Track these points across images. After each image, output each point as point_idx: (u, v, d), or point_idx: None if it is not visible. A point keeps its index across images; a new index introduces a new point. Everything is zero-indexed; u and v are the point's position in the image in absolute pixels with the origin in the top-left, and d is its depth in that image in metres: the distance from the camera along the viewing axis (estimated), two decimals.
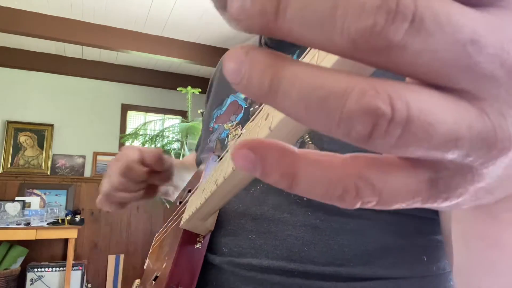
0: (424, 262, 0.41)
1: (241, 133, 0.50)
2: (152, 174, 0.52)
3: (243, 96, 0.57)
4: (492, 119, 0.11)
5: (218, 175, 0.29)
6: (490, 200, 0.15)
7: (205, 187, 0.35)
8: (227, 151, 0.32)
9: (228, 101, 0.59)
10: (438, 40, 0.10)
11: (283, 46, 0.50)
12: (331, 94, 0.10)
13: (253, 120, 0.25)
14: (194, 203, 0.40)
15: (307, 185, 0.12)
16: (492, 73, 0.11)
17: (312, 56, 0.16)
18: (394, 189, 0.12)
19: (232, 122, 0.55)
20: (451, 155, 0.11)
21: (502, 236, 0.19)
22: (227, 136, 0.54)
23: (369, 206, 0.12)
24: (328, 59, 0.14)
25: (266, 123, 0.20)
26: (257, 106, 0.53)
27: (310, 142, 0.42)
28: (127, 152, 0.52)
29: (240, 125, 0.53)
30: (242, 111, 0.55)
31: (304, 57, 0.17)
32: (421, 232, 0.41)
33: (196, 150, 0.82)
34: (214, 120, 0.60)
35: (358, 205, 0.12)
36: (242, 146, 0.12)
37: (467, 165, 0.12)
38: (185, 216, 0.43)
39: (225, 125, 0.56)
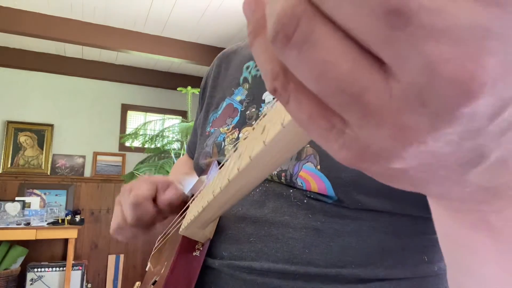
0: (425, 262, 0.41)
1: (239, 139, 0.51)
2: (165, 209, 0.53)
3: (238, 99, 0.57)
4: (394, 101, 0.11)
5: (216, 185, 0.29)
6: (437, 194, 0.15)
7: (203, 196, 0.35)
8: (226, 161, 0.32)
9: (224, 104, 0.59)
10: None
11: None
12: None
13: (252, 130, 0.24)
14: (193, 210, 0.40)
15: (257, 48, 0.14)
16: (411, 59, 0.10)
17: None
18: (299, 102, 0.13)
19: (228, 125, 0.55)
20: (343, 111, 0.11)
21: (465, 237, 0.19)
22: (224, 140, 0.54)
23: (280, 99, 0.14)
24: None
25: (262, 137, 0.20)
26: (253, 110, 0.53)
27: (309, 146, 0.42)
28: (140, 186, 0.52)
29: (237, 129, 0.53)
30: (238, 114, 0.55)
31: None
32: (422, 232, 0.41)
33: (188, 152, 0.81)
34: (211, 124, 0.60)
35: (272, 91, 0.13)
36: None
37: (365, 136, 0.12)
38: (184, 223, 0.43)
39: (221, 129, 0.56)
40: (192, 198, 0.47)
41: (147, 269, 0.65)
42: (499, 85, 0.10)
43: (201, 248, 0.44)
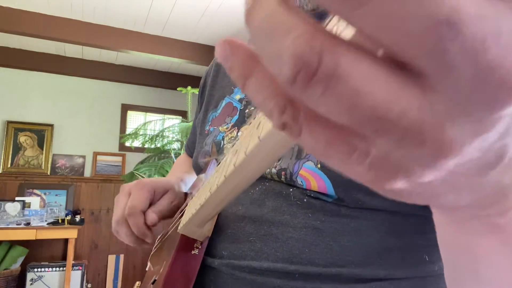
0: (426, 261, 0.41)
1: (238, 137, 0.51)
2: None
3: (238, 97, 0.57)
4: (436, 115, 0.10)
5: (212, 183, 0.29)
6: (441, 204, 0.14)
7: (201, 194, 0.35)
8: (223, 158, 0.32)
9: (223, 103, 0.59)
10: (408, 6, 0.09)
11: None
12: (278, 28, 0.10)
13: (248, 125, 0.24)
14: (191, 208, 0.40)
15: (252, 89, 0.13)
16: (459, 68, 0.09)
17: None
18: (313, 131, 0.12)
19: (227, 124, 0.55)
20: (377, 136, 0.11)
21: (472, 244, 0.19)
22: (223, 139, 0.54)
23: (291, 134, 0.13)
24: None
25: (257, 132, 0.20)
26: (252, 108, 0.52)
27: None
28: (137, 197, 0.53)
29: (236, 128, 0.53)
30: (237, 113, 0.55)
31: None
32: (422, 231, 0.41)
33: (187, 151, 0.82)
34: (210, 122, 0.60)
35: (282, 127, 0.13)
36: (224, 41, 0.13)
37: (398, 155, 0.11)
38: (183, 221, 0.43)
39: (220, 128, 0.56)
40: (191, 197, 0.47)
41: (147, 269, 0.64)
42: None
43: (199, 247, 0.44)
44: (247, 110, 0.53)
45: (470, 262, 0.19)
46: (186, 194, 0.60)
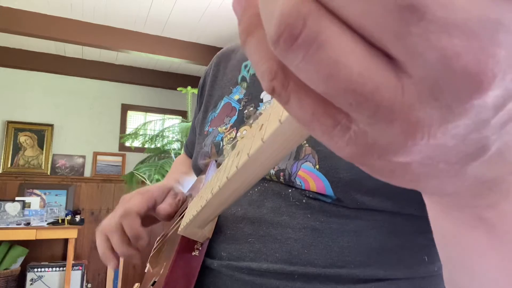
0: (425, 262, 0.41)
1: (236, 138, 0.50)
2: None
3: (236, 98, 0.57)
4: (406, 97, 0.10)
5: (214, 184, 0.29)
6: (433, 190, 0.15)
7: (202, 195, 0.35)
8: (225, 160, 0.32)
9: (222, 103, 0.59)
10: None
11: None
12: None
13: (250, 128, 0.24)
14: (191, 210, 0.40)
15: (250, 47, 0.13)
16: (424, 52, 0.10)
17: None
18: (301, 101, 0.12)
19: (226, 125, 0.55)
20: (353, 110, 0.11)
21: (460, 235, 0.19)
22: (222, 140, 0.53)
23: (279, 100, 0.13)
24: None
25: (260, 134, 0.20)
26: (251, 109, 0.52)
27: (307, 145, 0.42)
28: (134, 201, 0.53)
29: (234, 128, 0.53)
30: (236, 113, 0.54)
31: None
32: (421, 231, 0.41)
33: (186, 151, 0.82)
34: (209, 123, 0.60)
35: (271, 91, 0.13)
36: None
37: (373, 133, 0.12)
38: (183, 223, 0.43)
39: (219, 128, 0.56)
40: (191, 198, 0.47)
41: (146, 270, 0.64)
42: (508, 76, 0.10)
43: (200, 248, 0.44)
44: (245, 111, 0.53)
45: (462, 255, 0.19)
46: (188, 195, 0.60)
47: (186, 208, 0.48)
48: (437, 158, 0.12)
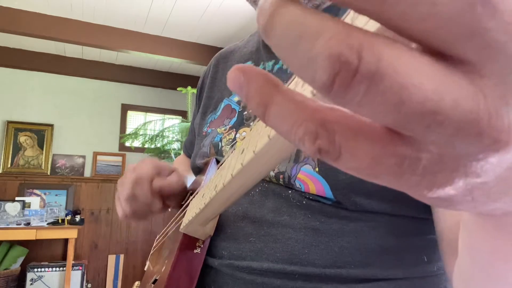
0: (424, 262, 0.41)
1: (236, 139, 0.50)
2: (166, 195, 0.53)
3: (236, 99, 0.57)
4: (489, 101, 0.09)
5: (218, 181, 0.29)
6: (494, 208, 0.13)
7: (204, 192, 0.35)
8: (227, 157, 0.32)
9: (222, 105, 0.59)
10: None
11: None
12: (305, 33, 0.10)
13: (253, 126, 0.24)
14: (194, 207, 0.40)
15: (276, 118, 0.12)
16: (504, 46, 0.09)
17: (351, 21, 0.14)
18: (354, 150, 0.11)
19: (225, 126, 0.55)
20: (430, 133, 0.10)
21: (503, 249, 0.17)
22: (221, 141, 0.53)
23: (328, 159, 0.11)
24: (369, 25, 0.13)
25: (266, 131, 0.20)
26: (251, 110, 0.52)
27: None
28: (142, 166, 0.52)
29: (234, 129, 0.53)
30: (236, 115, 0.54)
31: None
32: (420, 232, 0.42)
33: (185, 151, 0.81)
34: (208, 124, 0.59)
35: (316, 153, 0.11)
36: (236, 68, 0.12)
37: (453, 153, 0.10)
38: (185, 220, 0.43)
39: (218, 130, 0.55)
40: (192, 197, 0.47)
41: (146, 268, 0.64)
42: None
43: (202, 246, 0.44)
44: (245, 112, 0.53)
45: (506, 268, 0.18)
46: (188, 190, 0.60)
47: (187, 205, 0.48)
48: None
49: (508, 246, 0.17)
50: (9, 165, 3.52)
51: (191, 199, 0.46)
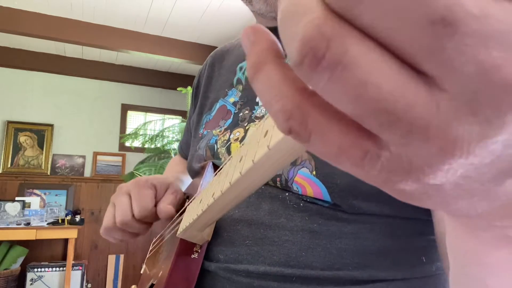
0: (423, 262, 0.41)
1: (230, 140, 0.50)
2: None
3: (232, 100, 0.56)
4: (441, 113, 0.10)
5: (216, 189, 0.29)
6: (456, 208, 0.14)
7: (202, 198, 0.35)
8: (224, 164, 0.32)
9: (217, 106, 0.58)
10: (400, 7, 0.09)
11: None
12: (296, 11, 0.11)
13: (252, 134, 0.24)
14: (191, 213, 0.40)
15: (260, 84, 0.13)
16: (462, 66, 0.09)
17: None
18: (324, 137, 0.12)
19: (220, 128, 0.54)
20: (384, 131, 0.11)
21: (483, 255, 0.18)
22: (216, 143, 0.53)
23: (299, 139, 0.12)
24: None
25: (265, 140, 0.20)
26: (246, 112, 0.52)
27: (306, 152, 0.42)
28: (142, 195, 0.51)
29: (228, 131, 0.52)
30: (231, 116, 0.54)
31: None
32: (419, 233, 0.41)
33: (180, 152, 0.81)
34: (204, 126, 0.59)
35: (287, 131, 0.12)
36: (251, 27, 0.13)
37: (406, 155, 0.11)
38: (182, 226, 0.43)
39: (213, 131, 0.55)
40: (189, 201, 0.46)
41: (142, 272, 0.64)
42: None
43: (199, 251, 0.44)
44: (241, 114, 0.53)
45: (479, 271, 0.19)
46: (184, 194, 0.59)
47: (185, 210, 0.48)
48: (472, 177, 0.12)
49: (479, 248, 0.18)
50: (9, 165, 3.53)
51: (188, 204, 0.46)
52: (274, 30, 0.55)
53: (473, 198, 0.13)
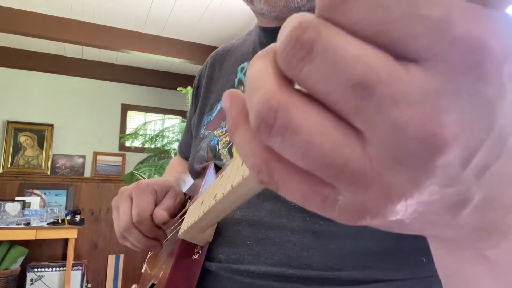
0: (423, 263, 0.41)
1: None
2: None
3: None
4: (374, 164, 0.11)
5: (217, 191, 0.29)
6: (423, 232, 0.15)
7: (203, 200, 0.35)
8: (226, 166, 0.32)
9: (218, 106, 0.58)
10: (327, 73, 0.11)
11: None
12: (255, 84, 0.13)
13: None
14: (192, 214, 0.40)
15: (236, 143, 0.15)
16: (378, 123, 0.11)
17: None
18: (289, 186, 0.14)
19: (222, 128, 0.54)
20: (333, 181, 0.12)
21: (462, 269, 0.19)
22: (218, 144, 0.53)
23: (270, 188, 0.14)
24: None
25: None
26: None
27: None
28: (141, 199, 0.51)
29: None
30: None
31: None
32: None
33: (180, 153, 0.80)
34: (205, 126, 0.59)
35: (259, 182, 0.14)
36: (228, 93, 0.15)
37: (358, 199, 0.12)
38: (183, 227, 0.43)
39: (215, 132, 0.55)
40: (190, 202, 0.46)
41: (143, 271, 0.64)
42: (462, 137, 0.11)
43: (200, 251, 0.44)
44: None
45: (462, 284, 0.20)
46: (185, 195, 0.59)
47: (186, 211, 0.48)
48: (426, 211, 0.13)
49: (458, 264, 0.19)
50: (9, 165, 3.53)
51: (190, 205, 0.46)
52: (275, 30, 0.55)
53: (438, 227, 0.15)
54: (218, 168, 0.51)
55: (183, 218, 0.46)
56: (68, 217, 3.25)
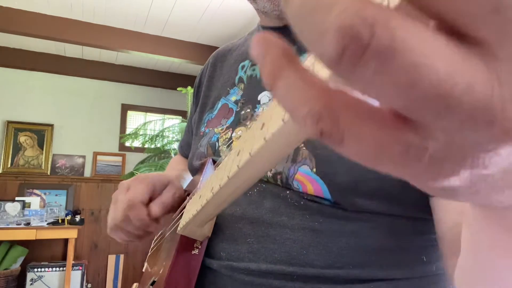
0: (424, 262, 0.41)
1: (232, 138, 0.50)
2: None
3: (233, 99, 0.56)
4: (505, 88, 0.09)
5: (214, 183, 0.29)
6: (496, 200, 0.12)
7: (201, 194, 0.35)
8: (223, 159, 0.32)
9: (219, 104, 0.59)
10: None
11: None
12: (319, 5, 0.09)
13: (249, 128, 0.24)
14: (191, 209, 0.40)
15: (282, 91, 0.11)
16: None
17: None
18: (358, 136, 0.11)
19: (222, 126, 0.54)
20: (440, 119, 0.09)
21: (501, 240, 0.17)
22: (218, 141, 0.53)
23: (332, 142, 0.11)
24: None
25: (262, 133, 0.20)
26: (248, 110, 0.52)
27: (305, 148, 0.42)
28: (135, 187, 0.51)
29: (230, 129, 0.52)
30: (233, 114, 0.54)
31: None
32: (420, 232, 0.42)
33: (180, 152, 0.81)
34: (205, 124, 0.59)
35: (318, 136, 0.11)
36: (259, 36, 0.12)
37: (461, 142, 0.10)
38: (182, 222, 0.43)
39: (215, 129, 0.55)
40: (189, 198, 0.47)
41: (143, 270, 0.64)
42: None
43: (199, 247, 0.44)
44: (242, 112, 0.53)
45: (500, 263, 0.18)
46: (185, 191, 0.59)
47: (184, 206, 0.48)
48: None
49: (508, 240, 0.17)
50: (9, 165, 3.53)
51: (188, 200, 0.46)
52: (278, 29, 0.55)
53: None
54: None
55: (182, 214, 0.46)
56: (68, 217, 3.25)
